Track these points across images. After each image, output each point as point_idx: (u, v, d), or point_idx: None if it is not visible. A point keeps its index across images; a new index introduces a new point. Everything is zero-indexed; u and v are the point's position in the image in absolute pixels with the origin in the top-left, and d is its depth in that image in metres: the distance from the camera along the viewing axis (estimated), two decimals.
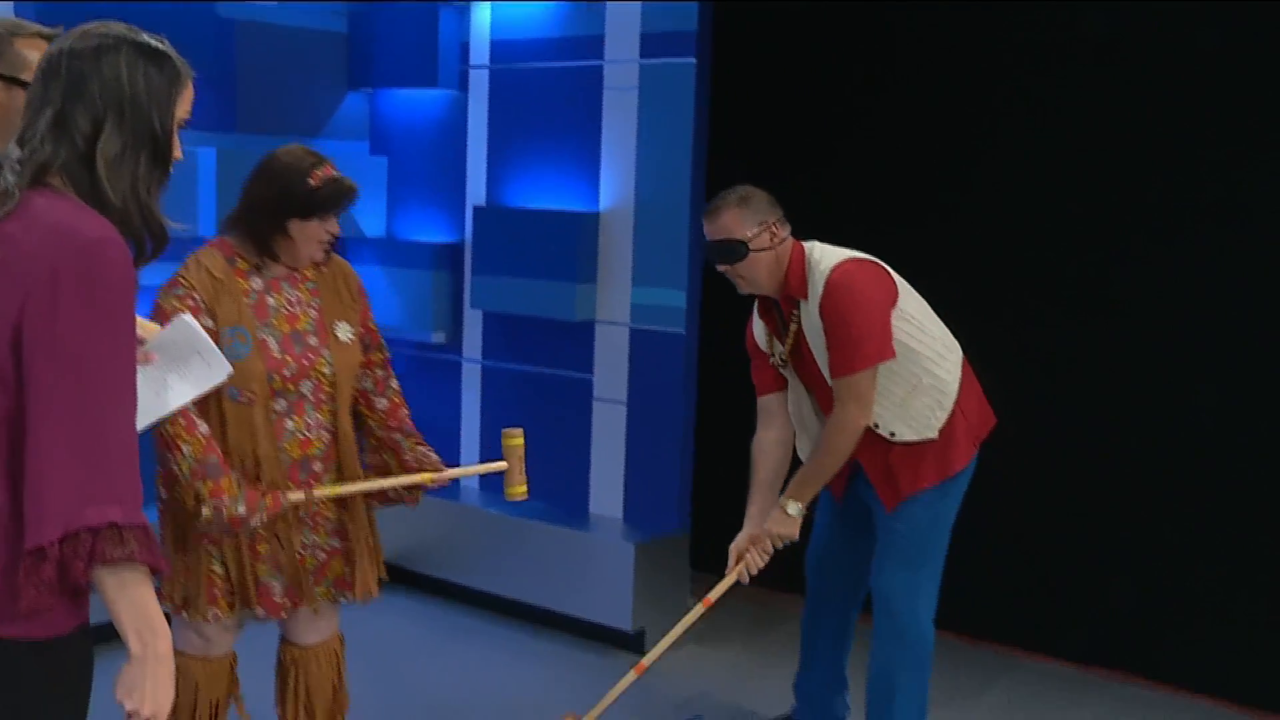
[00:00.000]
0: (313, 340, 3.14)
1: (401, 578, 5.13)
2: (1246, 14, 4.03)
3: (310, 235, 3.07)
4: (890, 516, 3.48)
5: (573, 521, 4.87)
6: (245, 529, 3.00)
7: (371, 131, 5.48)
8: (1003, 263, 4.61)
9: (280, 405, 3.05)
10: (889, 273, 3.45)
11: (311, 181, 3.03)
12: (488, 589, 5.00)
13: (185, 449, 2.96)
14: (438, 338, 5.25)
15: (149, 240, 1.83)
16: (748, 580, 3.59)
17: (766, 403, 3.68)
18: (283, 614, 3.16)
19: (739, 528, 4.24)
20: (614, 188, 4.82)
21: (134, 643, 1.73)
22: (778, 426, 3.63)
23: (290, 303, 3.16)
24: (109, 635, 1.86)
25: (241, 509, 2.97)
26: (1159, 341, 4.37)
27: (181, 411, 2.83)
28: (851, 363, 3.33)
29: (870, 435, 3.42)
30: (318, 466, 3.12)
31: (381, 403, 3.25)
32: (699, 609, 3.61)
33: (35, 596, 1.72)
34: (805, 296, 3.38)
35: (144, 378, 2.05)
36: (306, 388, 3.09)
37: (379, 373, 3.28)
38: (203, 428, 2.99)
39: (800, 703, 3.91)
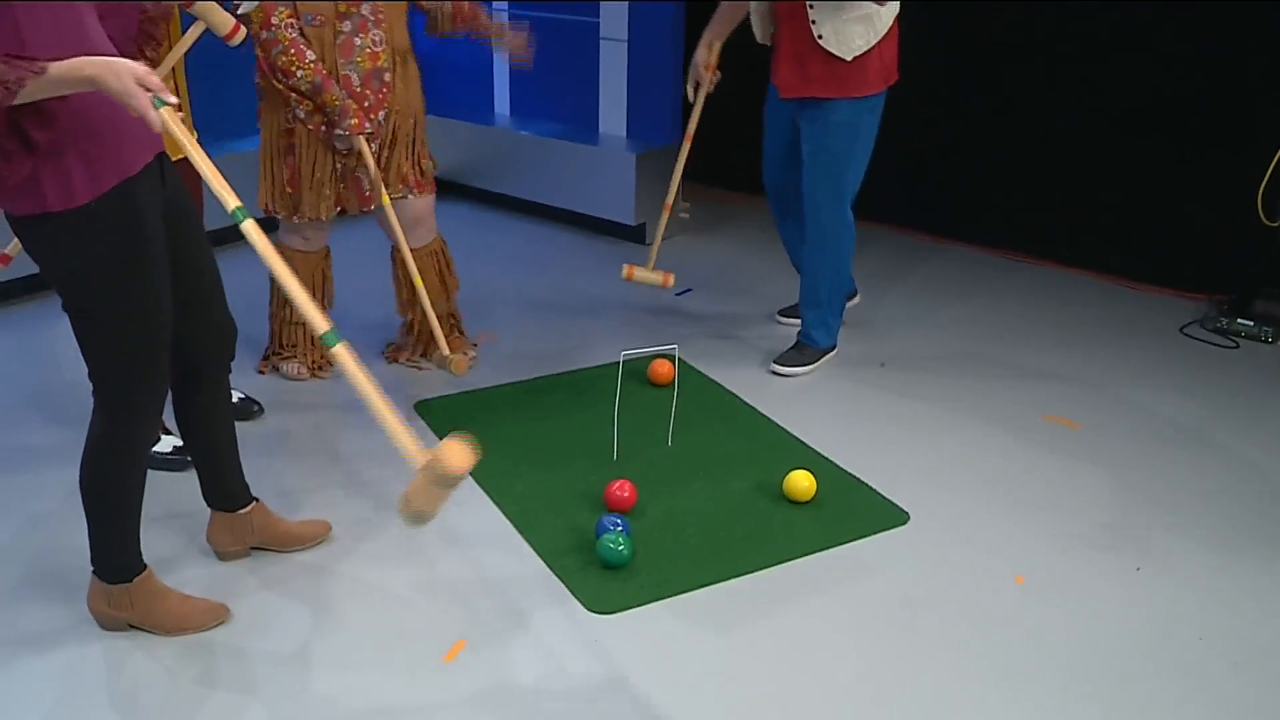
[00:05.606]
0: None
1: (453, 189, 5.62)
2: None
3: None
4: (814, 130, 3.70)
5: (586, 138, 5.30)
6: (349, 129, 3.35)
7: None
8: None
9: (346, 26, 3.33)
10: None
11: None
12: (521, 195, 5.52)
13: (300, 73, 3.27)
14: None
15: None
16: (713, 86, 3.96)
17: None
18: (370, 206, 3.53)
19: (722, 142, 4.59)
20: None
21: (105, 85, 1.90)
22: None
23: None
24: None
25: (352, 116, 3.35)
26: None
27: (292, 42, 3.25)
28: None
29: (806, 31, 3.60)
30: (387, 77, 3.42)
31: None
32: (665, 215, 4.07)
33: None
34: None
35: None
36: (365, 9, 3.35)
37: None
38: (310, 54, 3.26)
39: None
